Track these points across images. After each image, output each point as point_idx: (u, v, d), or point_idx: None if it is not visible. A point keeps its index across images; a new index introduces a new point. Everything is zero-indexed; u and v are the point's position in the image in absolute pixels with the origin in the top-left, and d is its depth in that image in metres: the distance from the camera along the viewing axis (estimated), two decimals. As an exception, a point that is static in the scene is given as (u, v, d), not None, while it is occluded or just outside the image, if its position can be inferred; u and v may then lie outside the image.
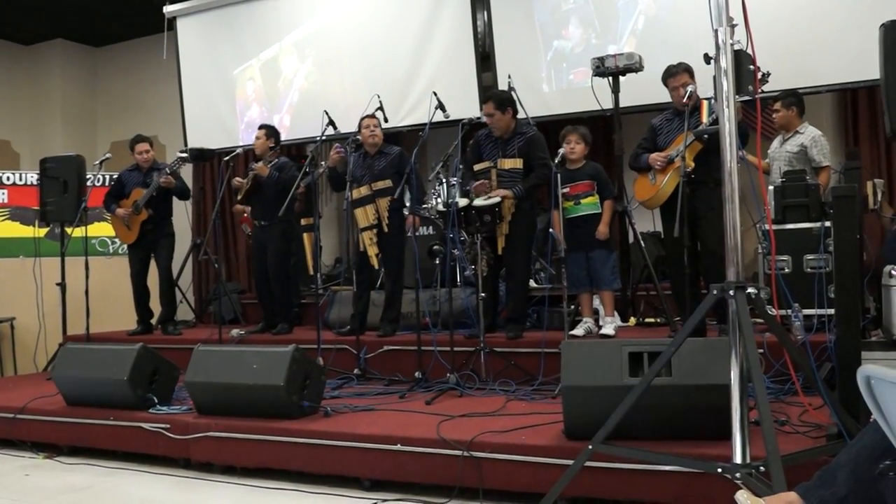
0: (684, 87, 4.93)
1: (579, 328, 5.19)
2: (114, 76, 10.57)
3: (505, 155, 5.37)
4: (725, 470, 2.62)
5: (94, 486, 4.16)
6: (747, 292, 2.66)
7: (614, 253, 5.34)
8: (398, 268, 5.92)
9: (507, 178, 5.33)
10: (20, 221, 8.21)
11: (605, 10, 6.79)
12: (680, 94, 4.95)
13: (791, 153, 5.67)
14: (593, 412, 3.25)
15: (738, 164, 2.74)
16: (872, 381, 1.67)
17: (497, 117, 5.35)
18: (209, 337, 5.99)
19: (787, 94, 5.72)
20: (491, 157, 5.43)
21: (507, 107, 5.37)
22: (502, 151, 5.38)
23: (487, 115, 5.38)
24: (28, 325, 7.57)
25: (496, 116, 5.35)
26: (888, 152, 6.75)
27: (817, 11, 6.08)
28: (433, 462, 3.61)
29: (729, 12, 2.70)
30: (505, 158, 5.36)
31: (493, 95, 5.49)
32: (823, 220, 4.73)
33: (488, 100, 5.43)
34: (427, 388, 4.90)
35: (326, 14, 7.99)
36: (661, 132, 5.14)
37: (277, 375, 4.14)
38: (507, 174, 5.34)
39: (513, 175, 5.34)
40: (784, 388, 4.15)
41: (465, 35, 7.24)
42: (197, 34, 8.72)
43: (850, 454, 2.19)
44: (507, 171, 5.35)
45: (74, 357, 5.01)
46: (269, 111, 8.33)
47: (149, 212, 6.62)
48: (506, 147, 5.39)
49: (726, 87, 2.71)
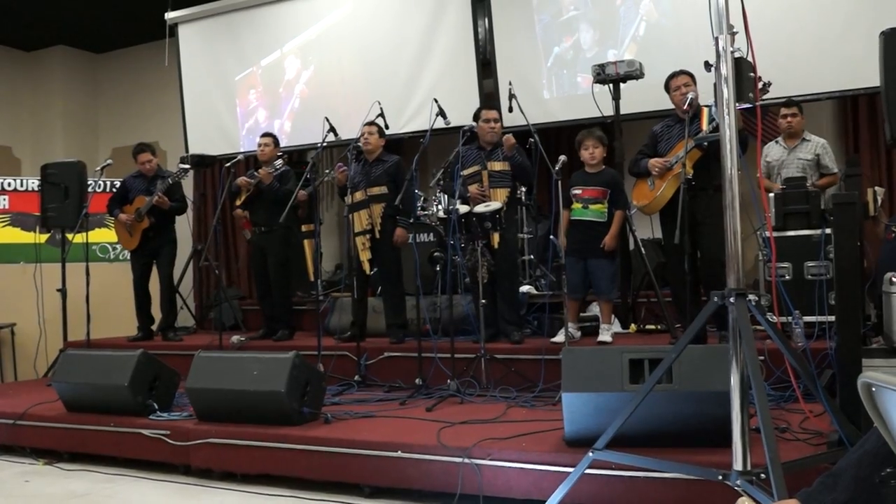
0: (685, 87, 4.92)
1: (560, 334, 5.17)
2: (115, 82, 10.59)
3: (491, 159, 5.54)
4: (726, 477, 2.61)
5: (94, 492, 4.15)
6: (748, 299, 2.65)
7: (615, 262, 5.33)
8: (395, 273, 5.93)
9: (497, 177, 5.51)
10: (21, 227, 8.22)
11: (606, 17, 6.80)
12: (682, 92, 4.93)
13: (805, 160, 5.71)
14: (594, 419, 3.25)
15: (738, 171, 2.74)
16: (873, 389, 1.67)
17: (500, 125, 5.60)
18: (210, 343, 5.99)
19: (795, 102, 5.73)
20: (477, 162, 5.55)
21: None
22: (488, 157, 5.55)
23: (494, 121, 5.53)
24: (28, 331, 7.57)
25: (499, 124, 5.60)
26: (889, 159, 6.75)
27: (818, 19, 6.09)
28: (433, 469, 3.60)
29: (729, 20, 2.70)
30: (493, 161, 5.53)
31: (495, 105, 5.75)
32: (824, 227, 4.74)
33: (493, 107, 5.63)
34: (427, 395, 4.90)
35: (327, 21, 8.01)
36: (662, 139, 5.15)
37: (278, 382, 4.14)
38: (497, 175, 5.51)
39: (503, 175, 5.51)
40: (785, 396, 4.15)
41: (465, 42, 7.26)
42: (198, 41, 8.74)
43: (852, 461, 2.18)
44: (497, 172, 5.51)
45: (75, 363, 5.01)
46: (271, 118, 8.35)
47: (151, 220, 6.63)
48: (490, 154, 5.56)
49: (727, 95, 2.71)
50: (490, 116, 5.55)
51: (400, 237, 5.84)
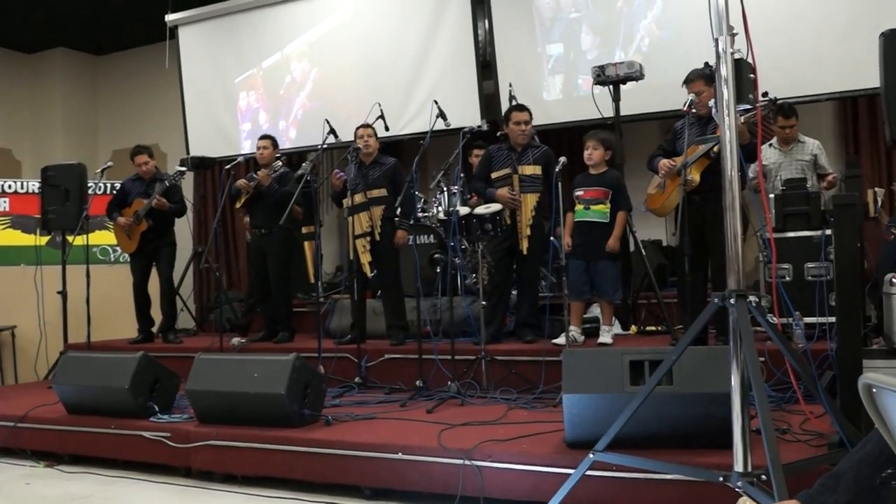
0: (698, 95, 4.87)
1: (562, 336, 5.15)
2: (115, 84, 10.60)
3: (522, 163, 5.47)
4: (727, 478, 2.61)
5: (95, 494, 4.15)
6: (748, 300, 2.65)
7: (618, 264, 5.32)
8: (395, 275, 5.93)
9: (528, 182, 5.45)
10: (21, 230, 8.22)
11: (606, 19, 6.81)
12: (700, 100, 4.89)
13: (804, 161, 5.77)
14: (594, 421, 3.25)
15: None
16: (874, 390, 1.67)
17: (530, 126, 5.51)
18: (210, 345, 5.99)
19: (794, 111, 5.76)
20: (507, 165, 5.50)
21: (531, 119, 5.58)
22: (519, 160, 5.47)
23: (525, 123, 5.45)
24: (29, 333, 7.57)
25: (530, 125, 5.51)
26: (889, 161, 6.76)
27: (817, 20, 6.09)
28: (434, 471, 3.60)
29: (729, 21, 2.70)
30: (524, 165, 5.46)
31: (526, 107, 5.61)
32: (824, 228, 4.73)
33: (524, 109, 5.55)
34: (428, 397, 4.90)
35: (328, 23, 8.02)
36: (681, 136, 5.00)
37: (278, 384, 4.14)
38: (528, 179, 5.46)
39: (533, 180, 5.46)
40: (785, 397, 4.14)
41: (465, 43, 7.27)
42: (198, 43, 8.75)
43: (853, 462, 2.18)
44: (528, 177, 5.46)
45: (75, 365, 5.01)
46: (271, 120, 8.35)
47: (149, 222, 6.62)
48: (521, 157, 5.49)
49: (727, 96, 2.71)
50: (521, 119, 5.45)
51: (400, 239, 5.85)
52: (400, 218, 5.84)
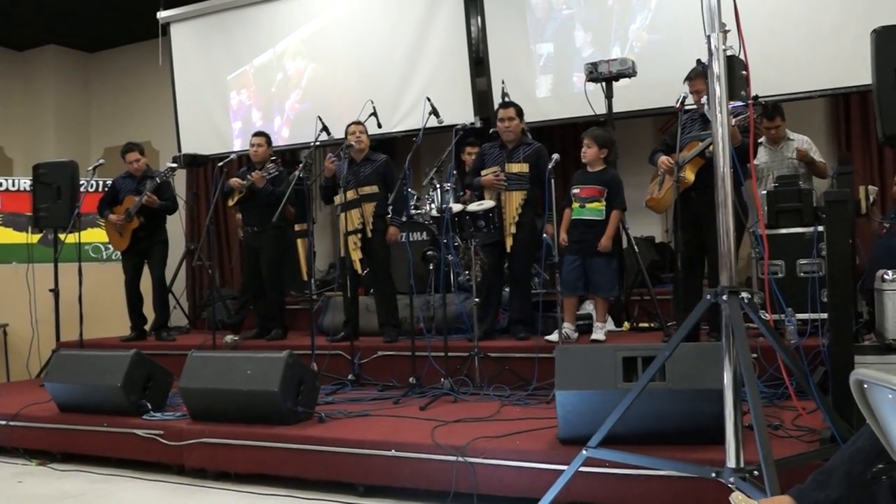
0: (699, 93, 4.86)
1: (555, 333, 5.14)
2: (107, 82, 10.57)
3: (511, 161, 5.47)
4: (719, 474, 2.62)
5: (88, 492, 4.14)
6: (740, 297, 2.66)
7: (614, 261, 5.32)
8: (385, 272, 5.92)
9: (514, 180, 5.44)
10: (13, 227, 8.18)
11: (599, 16, 6.81)
12: (696, 99, 4.90)
13: (793, 159, 5.79)
14: (587, 417, 3.25)
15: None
16: (865, 386, 1.68)
17: (515, 123, 5.47)
18: (203, 343, 5.97)
19: (779, 111, 5.77)
20: (496, 163, 5.50)
21: (522, 116, 5.54)
22: (508, 158, 5.48)
23: (508, 119, 5.44)
24: (21, 331, 7.55)
25: (515, 122, 5.47)
26: (880, 157, 6.78)
27: (809, 17, 6.11)
28: (427, 467, 3.60)
29: (721, 18, 2.70)
30: (511, 163, 5.46)
31: (513, 104, 5.61)
32: (816, 224, 4.75)
33: (509, 106, 5.54)
34: (421, 394, 4.90)
35: (320, 20, 8.00)
36: (683, 131, 4.96)
37: (271, 381, 4.14)
38: (514, 177, 5.45)
39: (520, 178, 5.45)
40: (777, 393, 4.16)
41: (458, 41, 7.26)
42: (191, 40, 8.72)
43: (845, 457, 2.19)
44: (514, 175, 5.45)
45: (68, 363, 4.99)
46: (263, 117, 8.34)
47: (140, 220, 6.60)
48: (512, 155, 5.49)
49: (719, 93, 2.72)
50: (505, 115, 5.47)
51: (392, 235, 5.85)
52: (392, 215, 5.83)
